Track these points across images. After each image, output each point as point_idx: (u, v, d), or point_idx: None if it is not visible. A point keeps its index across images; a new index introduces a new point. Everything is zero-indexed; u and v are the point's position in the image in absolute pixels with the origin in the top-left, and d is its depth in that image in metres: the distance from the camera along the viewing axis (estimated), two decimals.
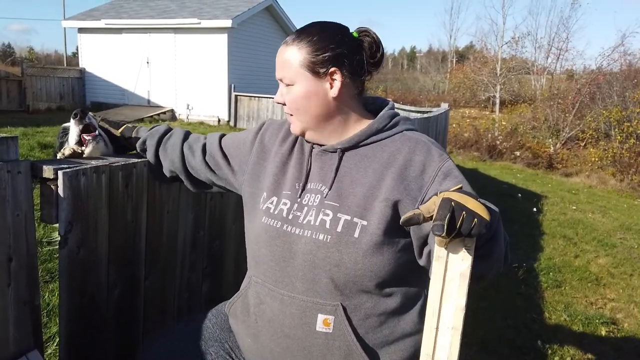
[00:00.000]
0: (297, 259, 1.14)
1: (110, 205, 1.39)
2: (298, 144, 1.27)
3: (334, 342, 1.12)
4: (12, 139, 1.15)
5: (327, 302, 1.11)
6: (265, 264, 1.19)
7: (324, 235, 1.11)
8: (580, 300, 3.83)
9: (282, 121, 1.37)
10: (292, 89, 1.17)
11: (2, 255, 1.15)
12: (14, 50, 55.54)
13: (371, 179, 1.13)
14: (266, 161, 1.29)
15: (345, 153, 1.18)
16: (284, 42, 1.19)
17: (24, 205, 1.18)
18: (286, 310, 1.15)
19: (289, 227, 1.16)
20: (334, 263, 1.09)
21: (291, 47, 1.16)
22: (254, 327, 1.21)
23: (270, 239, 1.18)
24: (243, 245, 1.32)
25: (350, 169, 1.16)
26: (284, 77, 1.17)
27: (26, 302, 1.22)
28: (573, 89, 16.74)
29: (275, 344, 1.18)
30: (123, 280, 1.47)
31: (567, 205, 7.87)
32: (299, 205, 1.17)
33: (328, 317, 1.11)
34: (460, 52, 40.64)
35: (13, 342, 1.21)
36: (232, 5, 14.45)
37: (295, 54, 1.15)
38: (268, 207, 1.21)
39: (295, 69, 1.15)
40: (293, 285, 1.14)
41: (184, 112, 14.07)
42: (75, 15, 15.72)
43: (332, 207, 1.13)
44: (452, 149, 14.62)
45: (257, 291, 1.21)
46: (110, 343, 1.46)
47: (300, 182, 1.20)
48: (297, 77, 1.15)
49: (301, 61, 1.14)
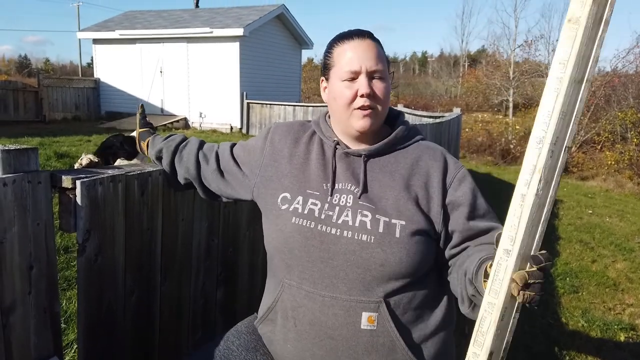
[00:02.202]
0: (338, 259, 1.14)
1: (126, 214, 1.41)
2: (316, 145, 1.29)
3: (378, 339, 1.13)
4: (32, 150, 1.18)
5: (371, 299, 1.13)
6: (300, 266, 1.17)
7: (367, 236, 1.13)
8: (598, 305, 3.77)
9: (289, 124, 1.39)
10: (385, 83, 1.20)
11: (23, 263, 1.17)
12: (30, 61, 56.74)
13: (400, 184, 1.19)
14: (280, 163, 1.29)
15: (369, 160, 1.23)
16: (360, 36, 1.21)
17: (44, 215, 1.21)
18: (328, 312, 1.14)
19: (324, 227, 1.16)
20: (379, 262, 1.12)
21: (377, 44, 1.22)
22: (294, 332, 1.19)
23: (305, 239, 1.16)
24: (257, 252, 1.32)
25: (376, 174, 1.21)
26: (381, 69, 1.19)
27: (46, 309, 1.25)
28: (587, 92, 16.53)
29: (318, 347, 1.16)
30: (140, 287, 1.49)
31: (583, 209, 7.76)
32: (330, 204, 1.18)
33: (372, 315, 1.13)
34: (472, 56, 40.47)
35: (34, 349, 1.23)
36: (244, 14, 14.60)
37: (382, 51, 1.22)
38: (296, 207, 1.20)
39: (386, 64, 1.22)
40: (335, 285, 1.14)
41: (196, 120, 14.21)
42: (90, 27, 16.03)
43: (368, 208, 1.16)
44: (465, 154, 14.52)
45: (293, 294, 1.19)
46: (128, 349, 1.48)
47: (327, 182, 1.21)
48: (386, 72, 1.21)
49: (387, 59, 1.23)
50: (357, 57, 1.18)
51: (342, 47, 1.21)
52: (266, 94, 14.39)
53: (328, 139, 1.27)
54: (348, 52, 1.20)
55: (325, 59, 1.27)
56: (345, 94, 1.19)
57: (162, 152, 1.49)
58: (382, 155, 1.24)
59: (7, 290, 1.14)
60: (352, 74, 1.18)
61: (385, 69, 1.21)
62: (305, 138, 1.31)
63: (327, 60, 1.26)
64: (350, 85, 1.19)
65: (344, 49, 1.21)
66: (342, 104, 1.20)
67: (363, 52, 1.18)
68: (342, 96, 1.20)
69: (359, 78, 1.18)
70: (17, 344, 1.18)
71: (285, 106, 13.25)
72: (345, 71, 1.19)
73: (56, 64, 53.67)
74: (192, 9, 16.89)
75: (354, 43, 1.20)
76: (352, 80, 1.19)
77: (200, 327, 1.76)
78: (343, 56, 1.20)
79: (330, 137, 1.27)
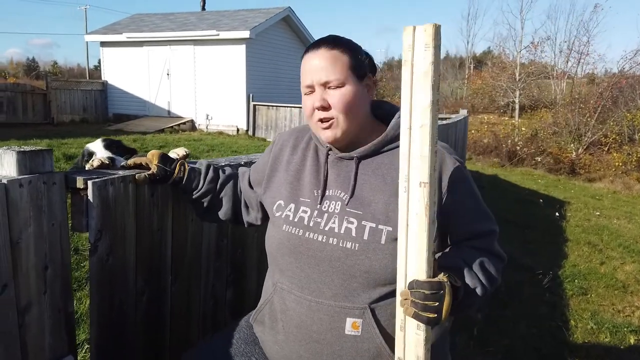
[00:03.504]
0: (323, 265, 1.16)
1: (137, 214, 1.43)
2: (311, 151, 1.30)
3: (362, 345, 1.14)
4: (47, 151, 1.20)
5: (356, 305, 1.14)
6: (290, 271, 1.21)
7: (351, 244, 1.13)
8: (607, 308, 3.75)
9: (290, 131, 1.40)
10: (342, 91, 1.16)
11: (39, 263, 1.19)
12: (37, 64, 57.17)
13: (391, 187, 1.16)
14: (278, 171, 1.33)
15: (362, 161, 1.21)
16: (315, 47, 1.19)
17: (59, 215, 1.23)
18: (314, 316, 1.16)
19: (311, 234, 1.18)
20: (364, 269, 1.12)
21: (334, 51, 1.17)
22: (282, 333, 1.23)
23: (293, 246, 1.20)
24: (264, 253, 1.34)
25: (368, 177, 1.20)
26: (332, 79, 1.16)
27: (61, 309, 1.26)
28: (595, 93, 16.43)
29: (304, 350, 1.19)
30: (150, 287, 1.50)
31: (591, 211, 7.72)
32: (319, 212, 1.20)
33: (357, 320, 1.14)
34: (477, 58, 40.34)
35: (49, 349, 1.25)
36: (250, 16, 14.65)
37: (341, 56, 1.17)
38: (287, 215, 1.23)
39: (345, 70, 1.17)
40: (320, 291, 1.16)
41: (203, 122, 14.27)
42: (97, 30, 16.14)
43: (355, 214, 1.16)
44: (472, 155, 14.48)
45: (283, 297, 1.23)
46: (139, 349, 1.49)
47: (318, 189, 1.23)
48: (347, 79, 1.17)
49: (349, 63, 1.17)
50: (309, 70, 1.18)
51: (302, 62, 1.22)
52: (272, 95, 14.43)
53: (322, 145, 1.28)
54: (304, 66, 1.20)
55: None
56: (306, 108, 1.21)
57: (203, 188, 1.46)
58: (375, 155, 1.22)
59: (23, 290, 1.16)
60: (309, 88, 1.19)
61: (344, 75, 1.16)
62: (303, 144, 1.33)
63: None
64: (309, 98, 1.20)
65: (302, 63, 1.22)
66: (307, 117, 1.23)
67: (314, 64, 1.17)
68: (304, 110, 1.23)
69: (315, 90, 1.18)
70: (32, 344, 1.20)
71: (291, 108, 13.27)
72: (302, 86, 1.21)
73: (63, 66, 54.17)
74: (199, 12, 16.97)
75: (308, 56, 1.20)
76: (311, 93, 1.19)
77: (210, 328, 1.77)
78: (302, 70, 1.22)
79: (324, 143, 1.27)
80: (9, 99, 13.20)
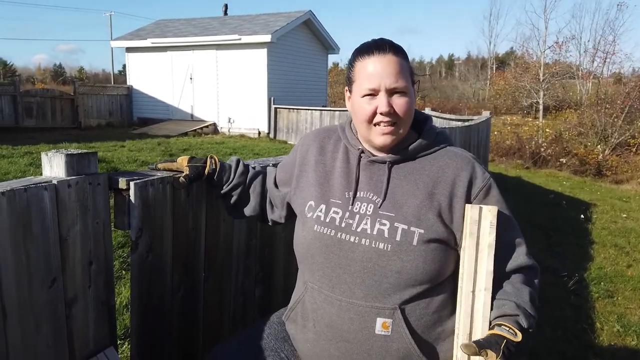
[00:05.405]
0: (355, 266, 1.18)
1: (174, 214, 1.50)
2: (341, 153, 1.32)
3: (392, 345, 1.17)
4: (92, 154, 1.28)
5: (386, 306, 1.16)
6: (321, 271, 1.24)
7: (384, 245, 1.16)
8: (634, 311, 3.70)
9: (315, 132, 1.43)
10: (407, 99, 1.18)
11: (84, 259, 1.27)
12: (64, 70, 58.62)
13: (423, 192, 1.19)
14: (307, 172, 1.35)
15: (394, 166, 1.24)
16: (381, 51, 1.18)
17: (102, 214, 1.31)
18: (344, 315, 1.19)
19: (343, 234, 1.21)
20: (396, 270, 1.15)
21: (399, 58, 1.18)
22: (313, 332, 1.26)
23: (325, 247, 1.22)
24: (292, 252, 1.38)
25: (400, 181, 1.22)
26: (401, 86, 1.16)
27: (104, 302, 1.34)
28: (622, 93, 16.10)
29: (334, 348, 1.22)
30: (185, 284, 1.57)
31: (617, 213, 7.57)
32: (351, 213, 1.22)
33: (387, 321, 1.16)
34: (500, 59, 39.84)
35: (93, 341, 1.33)
36: (271, 20, 14.80)
37: (406, 64, 1.20)
38: (319, 216, 1.25)
39: (409, 78, 1.20)
40: (351, 291, 1.19)
41: (225, 125, 14.46)
42: (123, 36, 16.50)
43: (387, 217, 1.19)
44: (494, 157, 14.31)
45: (314, 297, 1.26)
46: (175, 341, 1.57)
47: (350, 191, 1.25)
48: (409, 87, 1.19)
49: (410, 71, 1.21)
50: (377, 74, 1.17)
51: (363, 63, 1.20)
52: (293, 99, 14.53)
53: (353, 147, 1.30)
54: (368, 68, 1.18)
55: (348, 72, 1.27)
56: (365, 111, 1.19)
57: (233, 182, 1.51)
58: (407, 161, 1.25)
59: (70, 283, 1.24)
60: (372, 91, 1.18)
61: (408, 83, 1.18)
62: (331, 145, 1.35)
63: (350, 74, 1.25)
64: (369, 101, 1.18)
65: (364, 65, 1.19)
66: (362, 120, 1.21)
67: (383, 68, 1.16)
68: (362, 112, 1.20)
69: (378, 95, 1.17)
70: (77, 335, 1.28)
71: (312, 111, 13.35)
72: (364, 88, 1.18)
73: (89, 72, 55.44)
74: (221, 17, 17.18)
75: (374, 59, 1.18)
76: (372, 96, 1.18)
77: (240, 324, 1.84)
78: (363, 72, 1.19)
79: (355, 145, 1.29)
80: (39, 104, 13.61)
